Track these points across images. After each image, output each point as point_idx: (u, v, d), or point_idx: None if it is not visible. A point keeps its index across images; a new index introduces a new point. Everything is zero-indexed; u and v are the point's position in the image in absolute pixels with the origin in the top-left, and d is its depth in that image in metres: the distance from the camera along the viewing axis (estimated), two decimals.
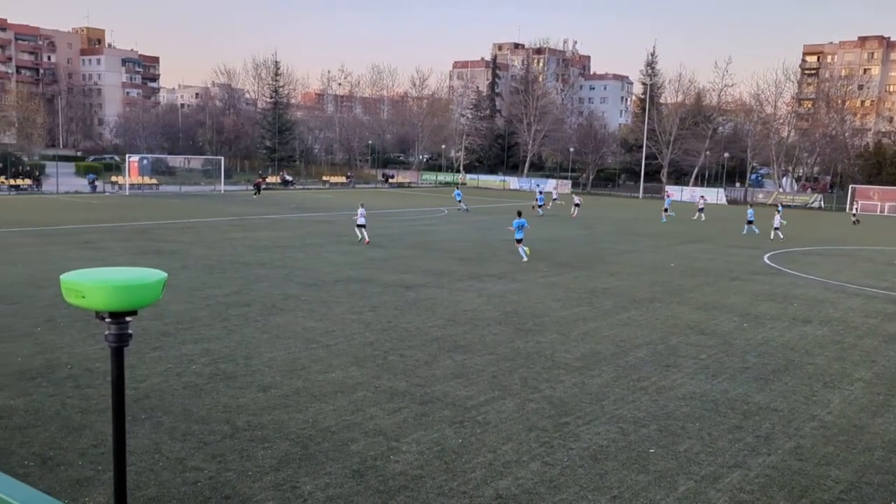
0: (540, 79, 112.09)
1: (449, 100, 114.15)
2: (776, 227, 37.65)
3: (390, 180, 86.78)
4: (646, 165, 79.90)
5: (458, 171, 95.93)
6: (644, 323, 16.83)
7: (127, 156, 64.67)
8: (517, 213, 27.42)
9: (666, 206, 49.97)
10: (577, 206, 49.21)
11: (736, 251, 31.50)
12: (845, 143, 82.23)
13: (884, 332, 16.71)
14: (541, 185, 74.51)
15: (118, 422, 3.18)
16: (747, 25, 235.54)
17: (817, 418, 10.81)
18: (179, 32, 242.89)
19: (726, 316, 17.94)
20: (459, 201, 51.60)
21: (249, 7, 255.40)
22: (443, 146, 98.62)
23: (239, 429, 9.58)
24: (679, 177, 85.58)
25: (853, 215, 54.58)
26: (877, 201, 66.04)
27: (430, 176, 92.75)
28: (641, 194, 77.73)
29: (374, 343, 14.17)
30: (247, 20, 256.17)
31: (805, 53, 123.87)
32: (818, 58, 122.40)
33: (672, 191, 71.58)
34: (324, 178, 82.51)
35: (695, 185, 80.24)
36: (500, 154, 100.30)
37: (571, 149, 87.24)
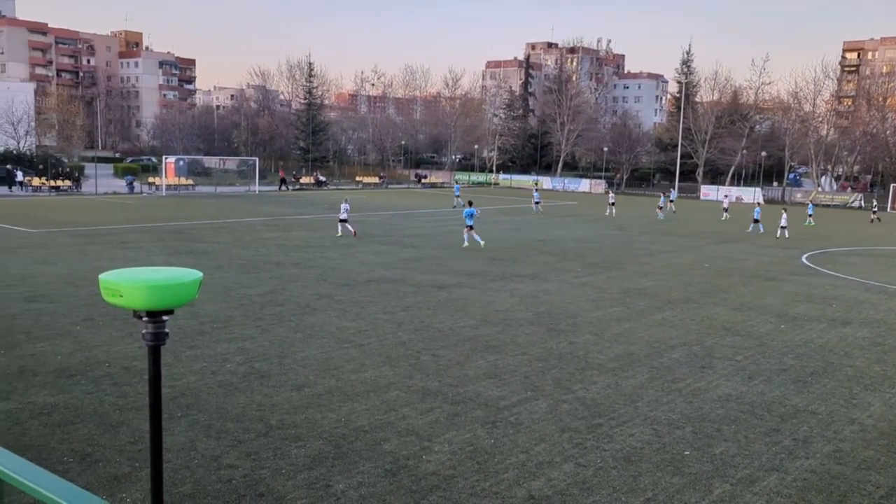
0: (573, 78, 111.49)
1: (482, 100, 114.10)
2: (783, 227, 37.42)
3: (423, 180, 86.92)
4: (681, 165, 79.05)
5: (491, 171, 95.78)
6: (679, 324, 16.67)
7: (164, 157, 65.54)
8: (468, 203, 29.33)
9: (660, 205, 49.38)
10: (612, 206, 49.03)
11: (772, 251, 31.05)
12: (887, 142, 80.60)
13: None
14: (539, 183, 75.26)
15: (155, 419, 3.22)
16: (785, 22, 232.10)
17: (857, 421, 10.62)
18: (215, 35, 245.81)
19: (763, 317, 17.70)
20: (457, 196, 52.47)
21: (284, 9, 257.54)
22: (475, 146, 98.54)
23: (273, 427, 9.66)
24: (715, 176, 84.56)
25: (873, 212, 53.36)
26: None
27: (463, 176, 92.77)
28: (676, 194, 76.90)
29: (407, 343, 14.20)
30: (281, 22, 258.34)
31: (845, 50, 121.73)
32: (858, 54, 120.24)
33: (711, 189, 70.67)
34: (357, 179, 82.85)
35: (731, 185, 79.23)
36: (533, 154, 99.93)
37: (605, 148, 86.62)
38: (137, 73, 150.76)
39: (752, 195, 70.97)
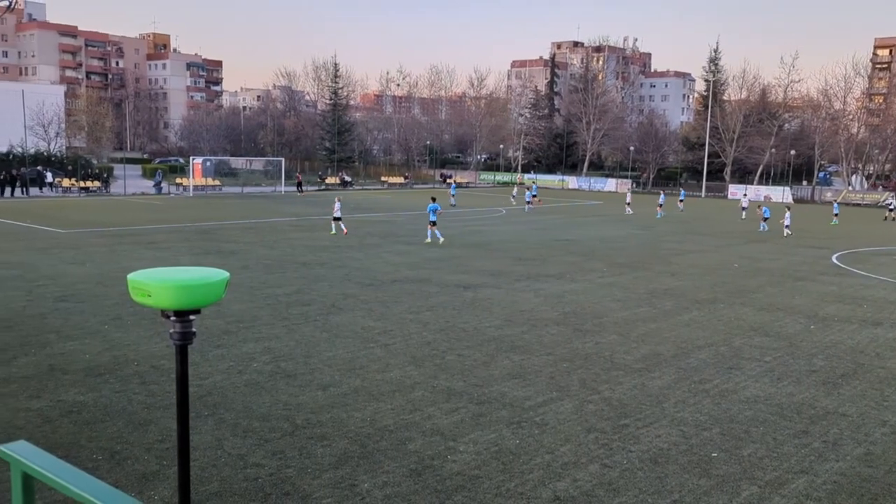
0: (599, 77, 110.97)
1: (507, 99, 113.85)
2: (787, 225, 37.28)
3: (448, 180, 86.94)
4: (708, 164, 78.38)
5: (517, 171, 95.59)
6: (706, 324, 16.52)
7: (191, 158, 66.15)
8: (432, 199, 30.30)
9: (661, 202, 48.90)
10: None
11: (802, 251, 30.68)
12: None
13: None
14: (533, 179, 75.13)
15: (182, 418, 3.24)
16: (815, 19, 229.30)
17: (888, 424, 10.45)
18: (242, 37, 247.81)
19: (792, 317, 17.48)
20: (453, 195, 52.75)
21: (309, 10, 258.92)
22: (501, 146, 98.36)
23: (299, 426, 9.71)
24: (743, 175, 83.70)
25: (889, 210, 52.37)
26: None
27: (489, 176, 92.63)
28: (704, 193, 76.30)
29: (432, 343, 14.21)
30: (307, 23, 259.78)
31: (876, 47, 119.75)
32: (890, 51, 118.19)
33: (739, 189, 69.93)
34: (382, 179, 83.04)
35: (759, 184, 78.40)
36: (559, 153, 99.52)
37: (632, 148, 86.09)
38: (165, 75, 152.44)
39: (781, 194, 70.23)
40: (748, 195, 56.37)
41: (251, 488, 7.94)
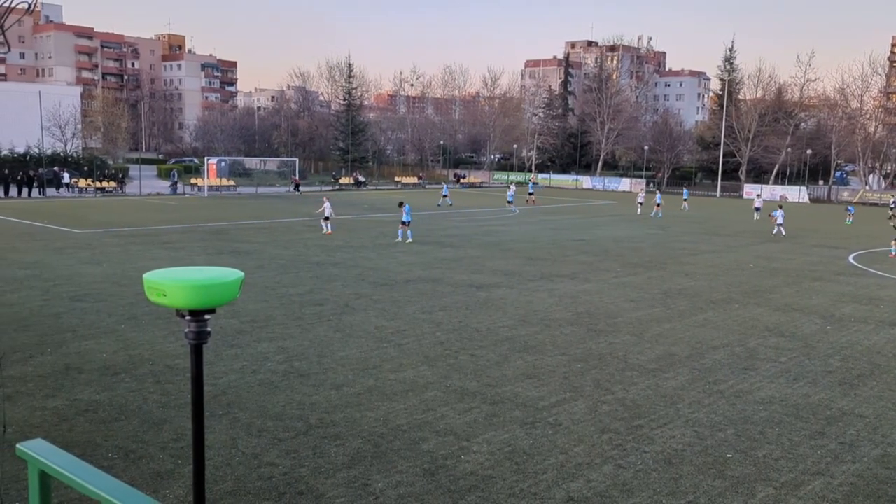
0: (613, 77, 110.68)
1: (521, 99, 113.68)
2: (779, 223, 36.96)
3: (462, 180, 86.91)
4: (723, 163, 77.97)
5: (531, 171, 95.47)
6: (721, 325, 16.43)
7: (206, 158, 66.46)
8: (399, 204, 30.43)
9: (658, 202, 48.09)
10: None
11: (817, 251, 30.47)
12: None
13: None
14: (532, 178, 74.80)
15: (197, 417, 3.26)
16: (831, 17, 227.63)
17: None
18: (256, 37, 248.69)
19: (808, 318, 17.37)
20: (445, 195, 52.48)
21: (323, 10, 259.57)
22: (514, 146, 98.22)
23: (312, 426, 9.74)
24: (759, 175, 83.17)
25: (891, 208, 51.82)
26: None
27: (502, 176, 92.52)
28: (719, 193, 75.91)
29: (445, 343, 14.21)
30: (321, 23, 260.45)
31: (894, 45, 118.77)
32: None
33: (754, 188, 69.49)
34: (396, 179, 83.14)
35: (775, 184, 77.93)
36: (573, 153, 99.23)
37: (646, 147, 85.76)
38: (180, 76, 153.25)
39: (798, 194, 69.79)
40: (762, 195, 55.78)
41: (265, 487, 7.97)
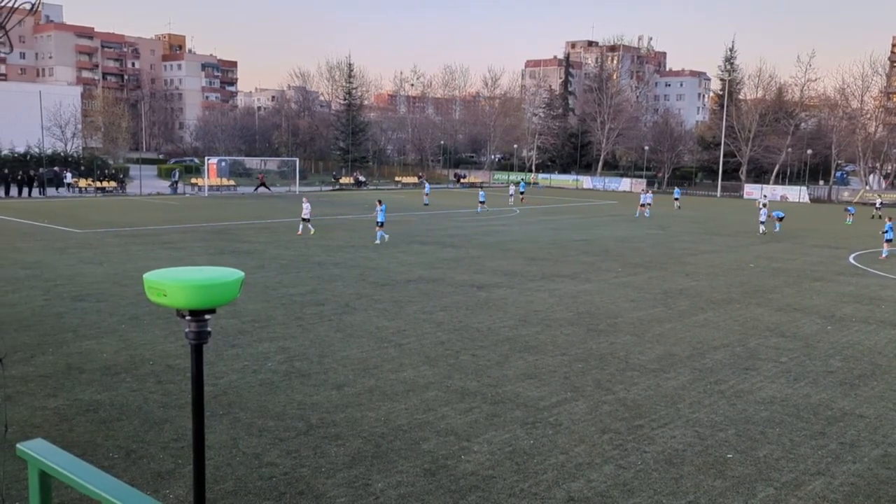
0: (614, 77, 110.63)
1: (521, 99, 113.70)
2: (762, 221, 37.01)
3: (462, 180, 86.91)
4: (724, 163, 77.96)
5: (531, 171, 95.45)
6: (721, 325, 16.43)
7: (206, 158, 66.46)
8: (378, 202, 29.80)
9: (643, 202, 47.45)
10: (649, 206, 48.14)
11: (818, 251, 30.47)
12: None
13: None
14: (523, 178, 74.84)
15: (197, 417, 3.26)
16: (831, 17, 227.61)
17: None
18: (256, 37, 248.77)
19: (808, 318, 17.36)
20: (427, 194, 52.61)
21: (323, 10, 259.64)
22: (515, 146, 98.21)
23: (313, 426, 9.73)
24: (759, 175, 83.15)
25: (876, 208, 51.76)
26: None
27: (502, 176, 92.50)
28: (719, 193, 75.91)
29: (446, 343, 14.21)
30: (321, 23, 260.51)
31: (894, 45, 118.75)
32: None
33: (754, 188, 69.38)
34: (396, 179, 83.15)
35: (775, 184, 77.90)
36: (573, 153, 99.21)
37: (646, 147, 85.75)
38: (180, 76, 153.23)
39: (798, 194, 69.78)
40: (766, 204, 54.61)
41: (266, 487, 7.97)
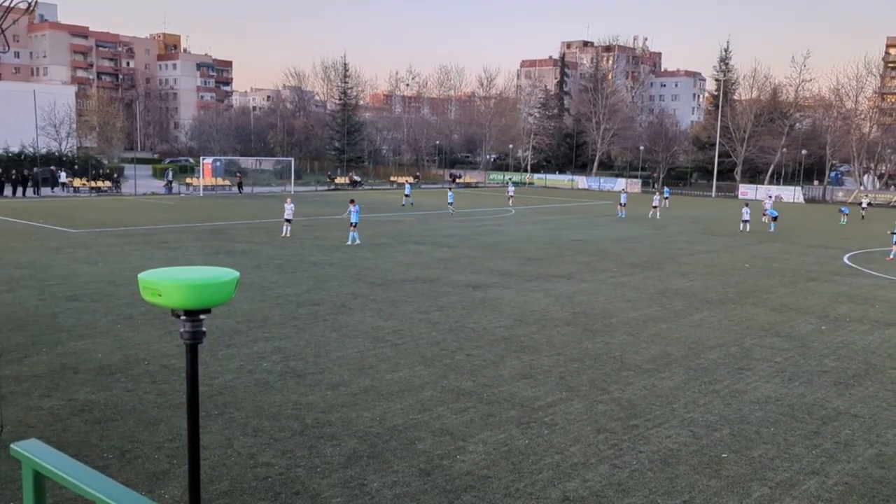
0: (609, 77, 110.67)
1: (516, 99, 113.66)
2: (745, 220, 37.19)
3: (457, 180, 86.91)
4: (719, 164, 78.13)
5: (526, 171, 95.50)
6: (717, 324, 16.46)
7: (201, 158, 66.35)
8: (351, 201, 29.54)
9: (622, 202, 47.34)
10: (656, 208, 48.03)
11: (814, 251, 30.54)
12: None
13: None
14: (511, 179, 74.84)
15: (192, 417, 3.25)
16: (826, 18, 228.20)
17: None
18: (251, 37, 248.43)
19: (803, 318, 17.40)
20: (407, 195, 52.29)
21: (319, 10, 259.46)
22: (510, 146, 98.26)
23: (308, 426, 9.73)
24: (754, 175, 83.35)
25: (863, 208, 51.92)
26: None
27: (498, 176, 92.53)
28: (714, 193, 76.05)
29: (442, 343, 14.21)
30: (316, 24, 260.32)
31: (889, 46, 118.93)
32: None
33: (749, 188, 69.53)
34: (392, 179, 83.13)
35: (770, 184, 78.07)
36: (569, 153, 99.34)
37: (641, 147, 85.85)
38: (175, 75, 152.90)
39: (793, 194, 69.96)
40: (749, 203, 54.28)
41: (261, 487, 7.96)
